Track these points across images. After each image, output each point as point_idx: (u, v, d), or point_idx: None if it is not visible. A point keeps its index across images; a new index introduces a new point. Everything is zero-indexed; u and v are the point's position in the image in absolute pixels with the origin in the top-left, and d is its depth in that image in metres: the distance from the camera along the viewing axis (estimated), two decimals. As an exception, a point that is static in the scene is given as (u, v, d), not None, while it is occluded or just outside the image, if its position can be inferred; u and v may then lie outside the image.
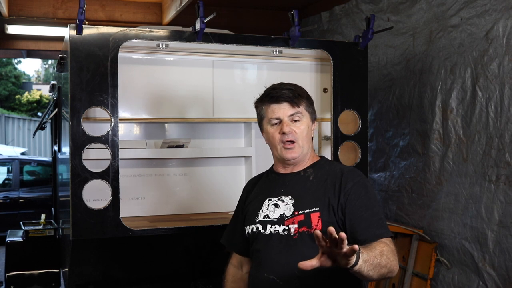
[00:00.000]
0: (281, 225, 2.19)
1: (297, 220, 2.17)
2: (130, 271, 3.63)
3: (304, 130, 2.26)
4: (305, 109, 2.27)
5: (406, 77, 4.47)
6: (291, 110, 2.24)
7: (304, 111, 2.27)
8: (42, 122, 5.91)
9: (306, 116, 2.27)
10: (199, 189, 4.08)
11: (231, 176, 4.15)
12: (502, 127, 3.59)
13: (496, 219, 3.63)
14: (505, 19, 3.57)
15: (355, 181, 2.19)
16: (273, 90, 2.28)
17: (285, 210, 2.22)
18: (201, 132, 4.12)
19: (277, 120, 2.26)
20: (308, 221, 2.15)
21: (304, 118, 2.26)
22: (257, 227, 2.26)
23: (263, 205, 2.29)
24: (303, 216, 2.17)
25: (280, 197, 2.26)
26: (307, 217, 2.16)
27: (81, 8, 2.99)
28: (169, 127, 4.08)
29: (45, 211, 6.01)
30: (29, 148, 18.26)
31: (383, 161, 4.76)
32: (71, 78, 3.08)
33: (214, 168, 4.13)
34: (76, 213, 3.07)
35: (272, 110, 2.26)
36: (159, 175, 3.99)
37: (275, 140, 2.27)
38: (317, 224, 2.13)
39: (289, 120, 2.24)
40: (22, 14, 6.12)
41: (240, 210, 2.47)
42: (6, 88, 22.53)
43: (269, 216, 2.24)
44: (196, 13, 3.24)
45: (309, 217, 2.15)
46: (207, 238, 3.53)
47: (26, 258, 4.77)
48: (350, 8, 5.24)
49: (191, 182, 4.07)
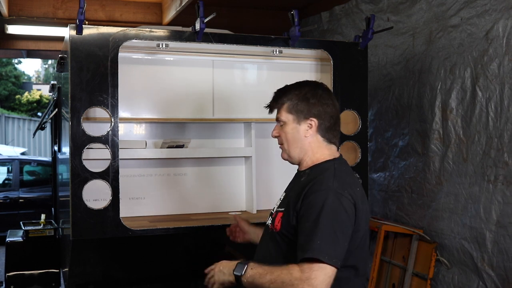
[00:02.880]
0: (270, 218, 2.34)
1: (273, 217, 2.30)
2: (130, 271, 3.64)
3: (288, 133, 2.27)
4: (286, 112, 2.26)
5: (406, 77, 4.47)
6: (275, 114, 2.32)
7: (286, 114, 2.26)
8: (42, 122, 5.91)
9: (289, 119, 2.26)
10: (199, 189, 4.07)
11: (231, 176, 4.15)
12: (501, 127, 3.59)
13: (494, 219, 3.63)
14: (505, 19, 3.57)
15: (315, 195, 2.08)
16: None
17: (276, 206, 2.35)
18: (201, 132, 4.12)
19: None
20: (274, 220, 2.26)
21: (289, 122, 2.26)
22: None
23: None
24: (275, 214, 2.29)
25: (283, 193, 2.36)
26: (276, 215, 2.27)
27: (81, 8, 2.99)
28: (169, 127, 4.07)
29: (45, 211, 6.01)
30: (29, 148, 18.26)
31: (383, 161, 4.76)
32: (71, 78, 3.08)
33: (214, 168, 4.13)
34: (76, 213, 3.07)
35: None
36: (159, 175, 3.99)
37: None
38: (278, 224, 2.22)
39: (278, 124, 2.33)
40: (22, 14, 6.12)
41: None
42: (6, 88, 22.53)
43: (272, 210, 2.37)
44: (196, 13, 3.24)
45: (276, 216, 2.26)
46: (207, 238, 3.54)
47: (26, 258, 4.77)
48: (350, 8, 5.24)
49: (191, 182, 4.06)
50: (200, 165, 4.10)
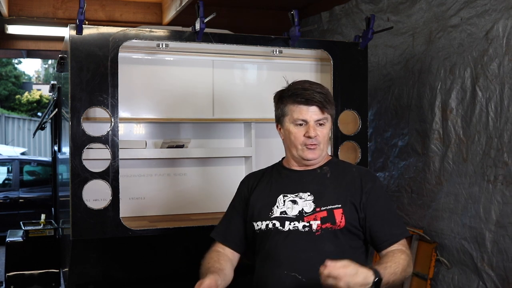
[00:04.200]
0: (301, 222, 2.18)
1: (320, 217, 2.17)
2: (130, 271, 3.63)
3: (327, 134, 2.27)
4: (330, 114, 2.27)
5: (406, 77, 4.48)
6: (319, 115, 2.22)
7: (329, 116, 2.26)
8: (42, 122, 5.91)
9: (329, 120, 2.27)
10: (199, 189, 4.08)
11: (231, 176, 4.15)
12: (501, 127, 3.59)
13: (493, 219, 3.63)
14: (505, 19, 3.57)
15: (375, 182, 2.27)
16: (305, 91, 2.22)
17: (304, 206, 2.21)
18: (201, 132, 4.12)
19: (303, 122, 2.23)
20: (332, 217, 2.16)
21: (328, 123, 2.26)
22: (273, 223, 2.23)
23: (278, 201, 2.26)
24: (326, 213, 2.17)
25: (298, 194, 2.25)
26: (330, 213, 2.17)
27: (81, 8, 2.99)
28: (169, 127, 4.07)
29: (45, 211, 6.00)
30: (29, 148, 18.26)
31: (382, 161, 4.76)
32: (71, 78, 3.09)
33: (214, 168, 4.13)
34: (76, 213, 3.08)
35: (300, 111, 2.22)
36: (159, 175, 3.99)
37: (297, 140, 2.24)
38: (341, 220, 2.16)
39: (315, 124, 2.22)
40: (22, 14, 6.12)
41: (240, 205, 2.44)
42: (6, 88, 22.52)
43: (287, 212, 2.22)
44: (196, 13, 3.24)
45: (332, 214, 2.17)
46: (207, 238, 3.53)
47: (26, 258, 4.77)
48: (350, 8, 5.24)
49: (191, 182, 4.06)
50: (200, 165, 4.10)
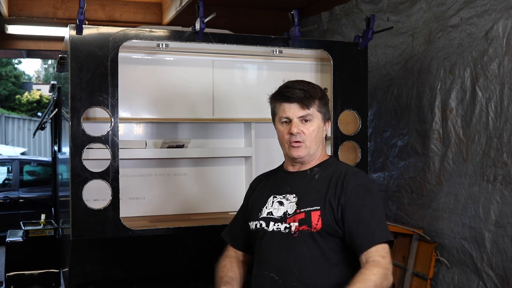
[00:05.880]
0: (283, 223, 2.20)
1: (298, 218, 2.18)
2: (130, 271, 3.63)
3: (314, 131, 2.25)
4: (316, 110, 2.25)
5: (405, 77, 4.48)
6: (301, 111, 2.23)
7: (315, 112, 2.25)
8: (42, 122, 5.91)
9: (317, 117, 2.26)
10: (199, 189, 4.08)
11: (231, 176, 4.15)
12: (501, 127, 3.59)
13: (493, 219, 3.63)
14: (505, 19, 3.57)
15: (358, 182, 2.19)
16: (286, 88, 2.26)
17: (288, 208, 2.22)
18: (201, 132, 4.12)
19: (287, 119, 2.25)
20: (309, 220, 2.15)
21: (315, 119, 2.25)
22: (260, 223, 2.26)
23: (268, 201, 2.29)
24: (304, 214, 2.17)
25: (285, 195, 2.27)
26: (307, 215, 2.16)
27: (81, 8, 2.99)
28: (169, 127, 4.07)
29: (45, 211, 6.00)
30: (29, 148, 18.27)
31: (382, 161, 4.76)
32: (71, 78, 3.09)
33: (214, 168, 4.13)
34: (76, 213, 3.08)
35: (283, 109, 2.25)
36: (159, 175, 3.99)
37: (284, 138, 2.27)
38: (317, 223, 2.13)
39: (299, 121, 2.23)
40: (22, 14, 6.12)
41: (244, 205, 2.48)
42: (6, 88, 22.52)
43: (273, 213, 2.25)
44: (196, 13, 3.24)
45: (310, 216, 2.16)
46: (207, 238, 3.53)
47: (26, 258, 4.77)
48: (350, 8, 5.24)
49: (191, 182, 4.06)
50: (200, 165, 4.10)
